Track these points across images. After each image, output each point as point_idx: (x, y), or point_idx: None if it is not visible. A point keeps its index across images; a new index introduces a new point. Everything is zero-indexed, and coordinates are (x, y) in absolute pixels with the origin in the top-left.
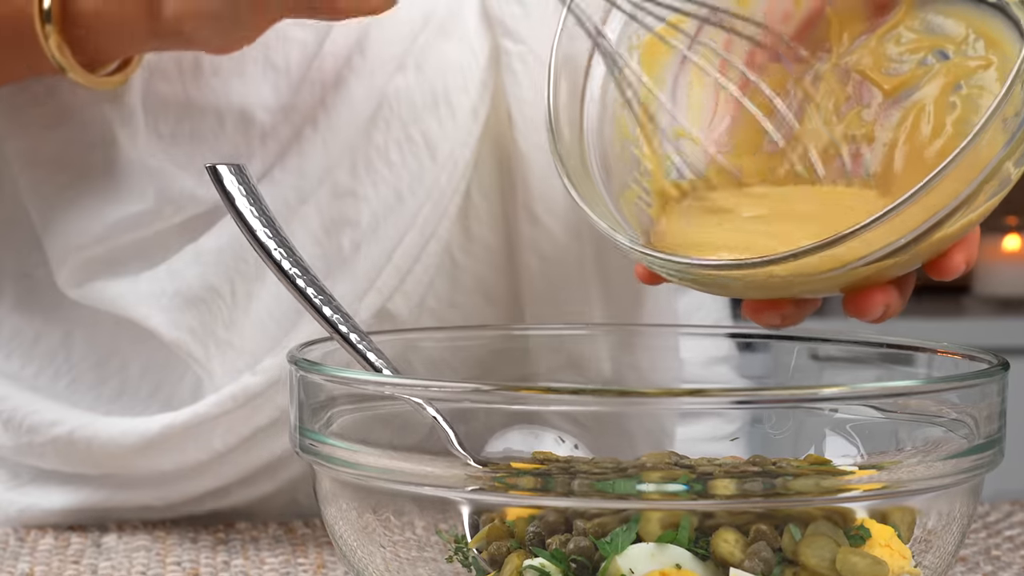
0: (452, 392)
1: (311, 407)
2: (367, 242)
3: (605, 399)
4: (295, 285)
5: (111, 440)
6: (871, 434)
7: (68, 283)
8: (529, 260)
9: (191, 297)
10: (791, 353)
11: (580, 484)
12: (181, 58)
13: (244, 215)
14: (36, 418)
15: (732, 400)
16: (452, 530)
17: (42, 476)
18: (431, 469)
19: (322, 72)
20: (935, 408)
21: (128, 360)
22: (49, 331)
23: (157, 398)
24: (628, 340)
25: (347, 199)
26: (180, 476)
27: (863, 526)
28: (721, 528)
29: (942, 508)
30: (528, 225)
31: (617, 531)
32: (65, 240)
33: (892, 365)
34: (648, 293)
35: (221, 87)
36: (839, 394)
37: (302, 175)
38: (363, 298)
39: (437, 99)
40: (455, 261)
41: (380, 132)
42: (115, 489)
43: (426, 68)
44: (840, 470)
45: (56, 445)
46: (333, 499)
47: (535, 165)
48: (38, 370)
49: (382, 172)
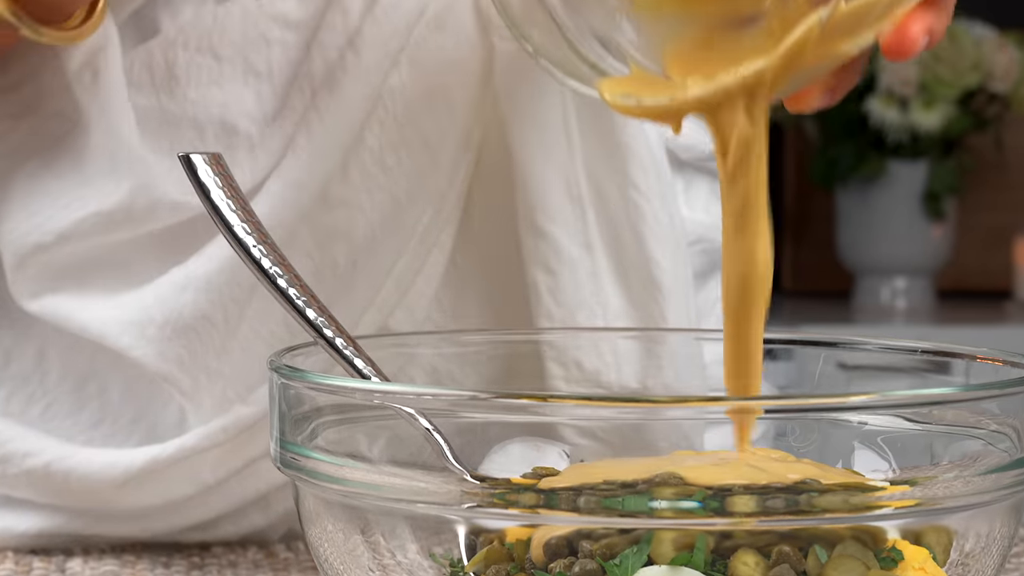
0: (447, 401)
1: (293, 418)
2: (364, 256)
3: (607, 408)
4: (276, 286)
5: (91, 474)
6: (904, 447)
7: (23, 292)
8: (535, 275)
9: (181, 327)
10: (816, 360)
11: (586, 501)
12: (153, 70)
13: (220, 209)
14: (9, 448)
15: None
16: (447, 553)
17: (11, 501)
18: (424, 485)
19: (311, 75)
20: (973, 419)
21: (107, 384)
22: (21, 350)
23: (140, 425)
24: (652, 348)
25: (339, 210)
26: (165, 509)
27: (895, 547)
28: (740, 549)
29: (981, 528)
30: (531, 238)
31: (627, 553)
32: (22, 236)
33: (926, 373)
34: (670, 295)
35: (199, 98)
36: (868, 402)
37: (298, 186)
38: (362, 316)
39: (434, 97)
40: (460, 271)
41: (374, 135)
42: (93, 519)
43: (422, 64)
44: (870, 486)
45: (30, 477)
46: (317, 519)
47: (533, 172)
48: (9, 394)
49: (378, 178)
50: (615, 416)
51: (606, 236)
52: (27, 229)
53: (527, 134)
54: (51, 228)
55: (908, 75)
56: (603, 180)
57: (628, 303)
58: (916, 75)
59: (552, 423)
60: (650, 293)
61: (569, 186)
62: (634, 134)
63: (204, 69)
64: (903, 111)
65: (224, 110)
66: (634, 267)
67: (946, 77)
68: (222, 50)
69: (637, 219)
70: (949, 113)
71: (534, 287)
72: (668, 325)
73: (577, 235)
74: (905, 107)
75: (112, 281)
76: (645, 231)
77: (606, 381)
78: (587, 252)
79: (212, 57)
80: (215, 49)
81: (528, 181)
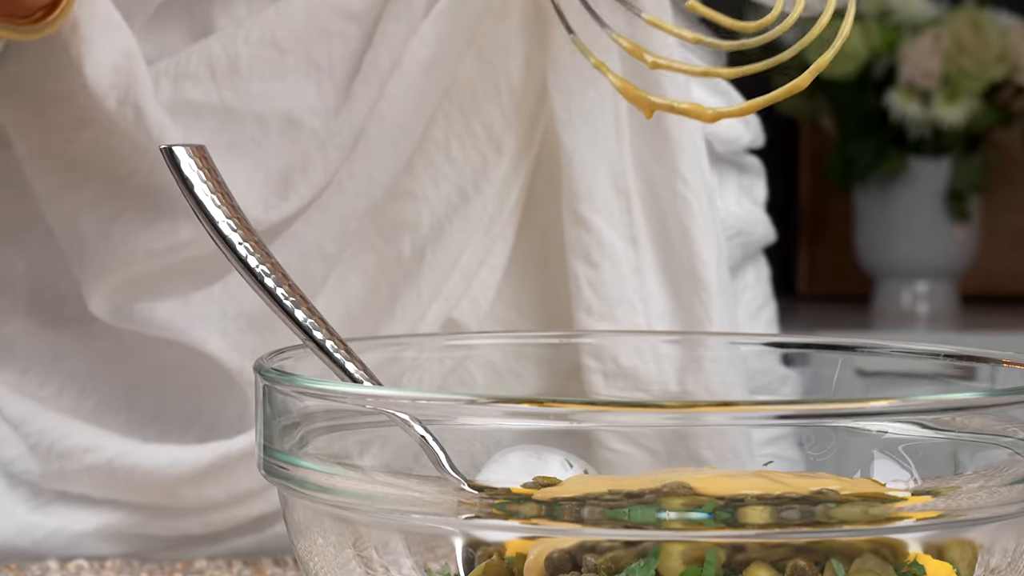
0: (443, 406)
1: (281, 424)
2: (430, 247)
3: (608, 411)
4: (263, 285)
5: (157, 469)
6: (926, 456)
7: (103, 308)
8: (576, 267)
9: (254, 318)
10: (834, 365)
11: (591, 512)
12: (214, 64)
13: (204, 204)
14: (67, 443)
15: (764, 416)
16: (444, 568)
17: (67, 496)
18: (419, 495)
19: (376, 65)
20: (999, 426)
21: (164, 381)
22: (77, 351)
23: (198, 423)
24: (694, 353)
25: (405, 201)
26: (228, 503)
27: (916, 562)
28: (753, 563)
29: (1007, 542)
30: (573, 227)
31: (633, 567)
32: (101, 263)
33: (949, 379)
34: (716, 294)
35: (262, 91)
36: (888, 409)
37: (369, 179)
38: (429, 307)
39: (500, 87)
40: (521, 264)
41: (439, 126)
42: (153, 515)
43: (486, 55)
44: (890, 496)
45: (92, 474)
46: (307, 531)
47: (580, 161)
48: (59, 389)
49: (443, 169)
50: (616, 419)
51: (653, 231)
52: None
53: (575, 123)
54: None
55: (930, 67)
56: (652, 173)
57: (673, 301)
58: (939, 67)
59: (554, 428)
60: (695, 292)
61: (616, 177)
62: (684, 128)
63: (268, 63)
64: (925, 105)
65: (289, 104)
66: (680, 264)
67: (970, 69)
68: (285, 43)
69: (685, 214)
70: (973, 107)
71: (574, 278)
72: (713, 325)
73: (622, 228)
74: (927, 101)
75: (186, 282)
76: (693, 227)
77: (645, 380)
78: (632, 246)
79: (276, 50)
80: (278, 42)
81: (573, 169)
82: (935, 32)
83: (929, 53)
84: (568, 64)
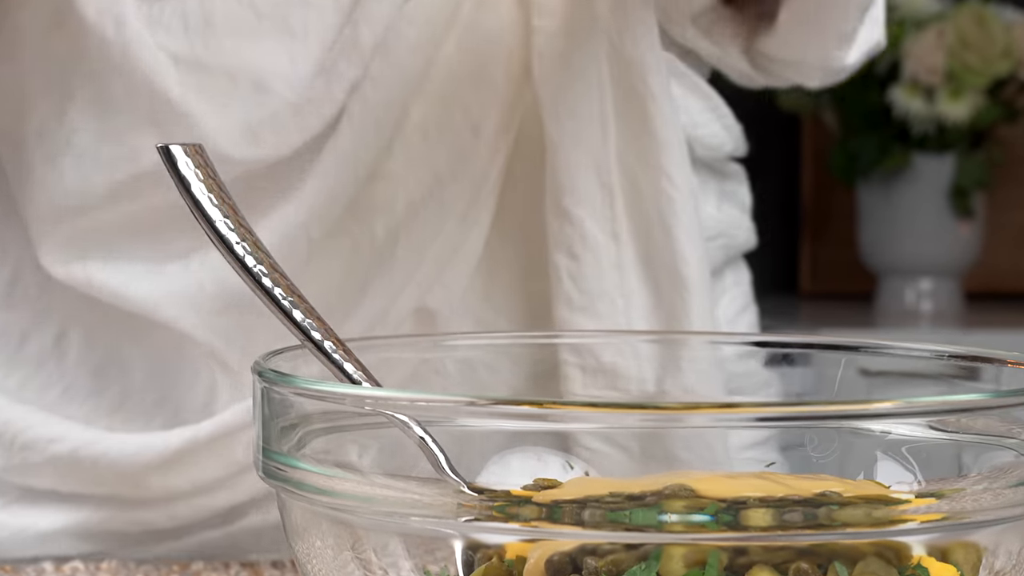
0: (443, 408)
1: (279, 426)
2: (404, 230)
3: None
4: (260, 285)
5: (122, 458)
6: (930, 457)
7: (55, 260)
8: (557, 259)
9: (233, 298)
10: (836, 365)
11: (591, 514)
12: (187, 16)
13: (201, 203)
14: (31, 434)
15: (764, 417)
16: (443, 571)
17: (31, 494)
18: (418, 497)
19: (358, 43)
20: (1004, 427)
21: (129, 366)
22: (39, 330)
23: (163, 409)
24: (673, 352)
25: (380, 183)
26: (194, 493)
27: (920, 565)
28: (755, 566)
29: (1012, 545)
30: (556, 220)
31: (634, 570)
32: (51, 197)
33: (954, 379)
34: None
35: (234, 48)
36: (892, 410)
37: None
38: (402, 292)
39: (479, 75)
40: (495, 253)
41: (418, 109)
42: (118, 508)
43: (467, 42)
44: (894, 498)
45: (56, 464)
46: (305, 533)
47: (564, 153)
48: (24, 379)
49: (420, 153)
50: (616, 421)
51: (635, 227)
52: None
53: (561, 116)
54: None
55: (934, 63)
56: (636, 170)
57: (654, 298)
58: (943, 63)
59: (554, 430)
60: (676, 289)
61: (600, 172)
62: (669, 126)
63: (242, 22)
64: (929, 101)
65: (258, 65)
66: (662, 261)
67: (975, 65)
68: (263, 6)
69: (669, 212)
70: (978, 103)
71: (555, 270)
72: (692, 323)
73: (604, 222)
74: (931, 97)
75: (143, 250)
76: (675, 225)
77: (624, 376)
78: (613, 241)
79: (252, 11)
80: (256, 5)
81: (558, 162)
82: (939, 27)
83: (933, 48)
84: (554, 57)
